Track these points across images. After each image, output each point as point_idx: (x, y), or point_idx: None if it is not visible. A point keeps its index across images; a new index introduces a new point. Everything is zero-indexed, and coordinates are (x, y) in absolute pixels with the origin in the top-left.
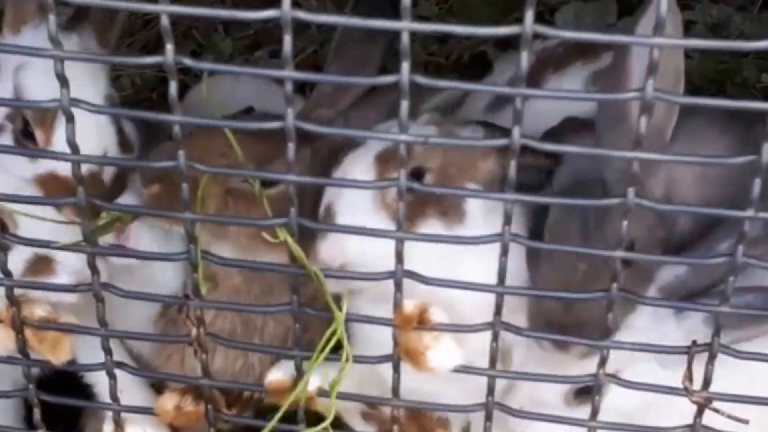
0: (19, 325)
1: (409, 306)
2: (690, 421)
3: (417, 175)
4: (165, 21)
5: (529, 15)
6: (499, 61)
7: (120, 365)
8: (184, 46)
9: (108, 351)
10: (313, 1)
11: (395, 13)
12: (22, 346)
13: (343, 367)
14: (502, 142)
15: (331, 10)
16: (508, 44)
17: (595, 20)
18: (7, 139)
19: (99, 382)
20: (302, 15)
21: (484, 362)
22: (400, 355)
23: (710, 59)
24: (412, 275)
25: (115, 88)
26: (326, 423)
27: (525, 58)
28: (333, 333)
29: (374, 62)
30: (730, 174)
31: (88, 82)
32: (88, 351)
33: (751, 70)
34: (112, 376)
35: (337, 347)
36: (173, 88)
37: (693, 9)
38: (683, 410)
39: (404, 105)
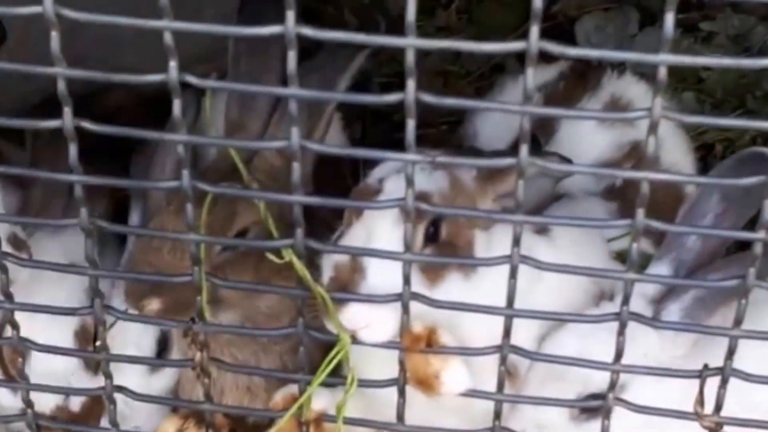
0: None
1: (418, 326)
2: None
3: (436, 225)
4: (168, 38)
5: (534, 31)
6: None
7: (120, 389)
8: None
9: (108, 375)
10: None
11: (280, 16)
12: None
13: (348, 389)
14: (509, 161)
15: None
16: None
17: (616, 31)
18: None
19: None
20: (307, 31)
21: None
22: (409, 381)
23: (731, 72)
24: (418, 297)
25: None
26: None
27: (530, 76)
28: (335, 355)
29: (274, 72)
30: None
31: None
32: None
33: None
34: (111, 401)
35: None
36: (177, 106)
37: (714, 19)
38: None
39: (410, 124)
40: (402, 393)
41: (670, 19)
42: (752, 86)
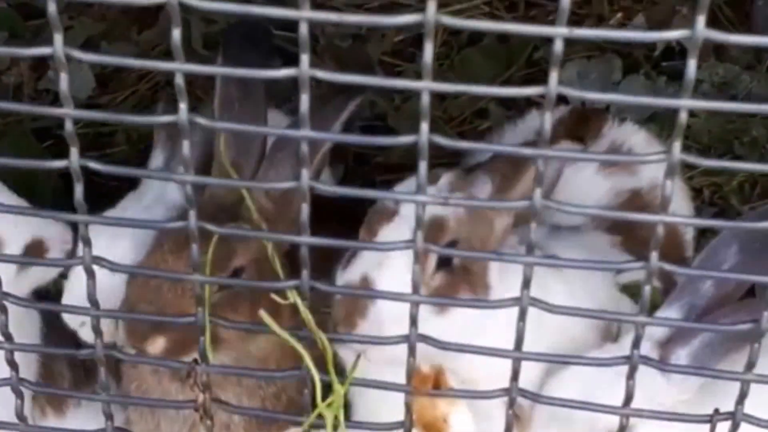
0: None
1: (426, 367)
2: None
3: (452, 247)
4: (179, 79)
5: (554, 76)
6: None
7: (120, 431)
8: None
9: (109, 416)
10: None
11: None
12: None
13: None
14: (522, 204)
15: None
16: (512, 101)
17: (599, 77)
18: None
19: None
20: (320, 74)
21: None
22: (415, 425)
23: (718, 118)
24: (426, 339)
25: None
26: None
27: (548, 120)
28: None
29: (263, 116)
30: None
31: None
32: None
33: (759, 129)
34: None
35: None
36: (186, 147)
37: (699, 67)
38: None
39: (422, 165)
40: None
41: (692, 65)
42: (739, 132)
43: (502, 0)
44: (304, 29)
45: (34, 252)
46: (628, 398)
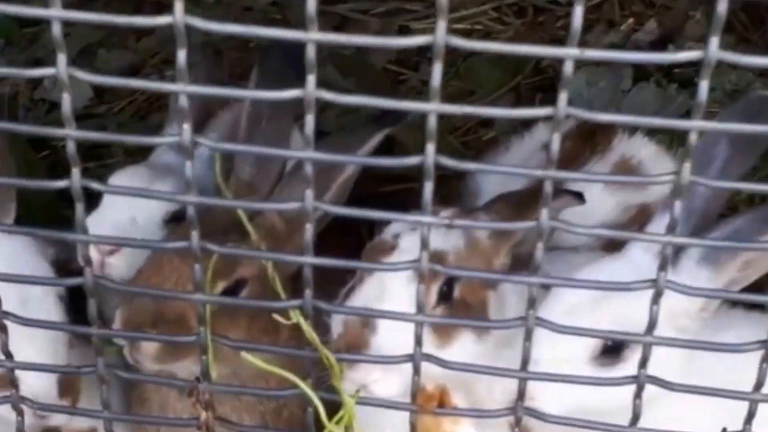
0: None
1: (430, 386)
2: None
3: (449, 284)
4: (184, 101)
5: (563, 98)
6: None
7: None
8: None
9: None
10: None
11: (300, 76)
12: None
13: None
14: (529, 225)
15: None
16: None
17: (608, 85)
18: None
19: None
20: (326, 95)
21: None
22: None
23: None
24: (431, 358)
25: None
26: None
27: (556, 141)
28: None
29: (287, 137)
30: None
31: None
32: None
33: None
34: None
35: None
36: (189, 168)
37: (712, 74)
38: None
39: (428, 187)
40: None
41: (704, 86)
42: None
43: (511, 5)
44: (311, 51)
45: None
46: (635, 417)
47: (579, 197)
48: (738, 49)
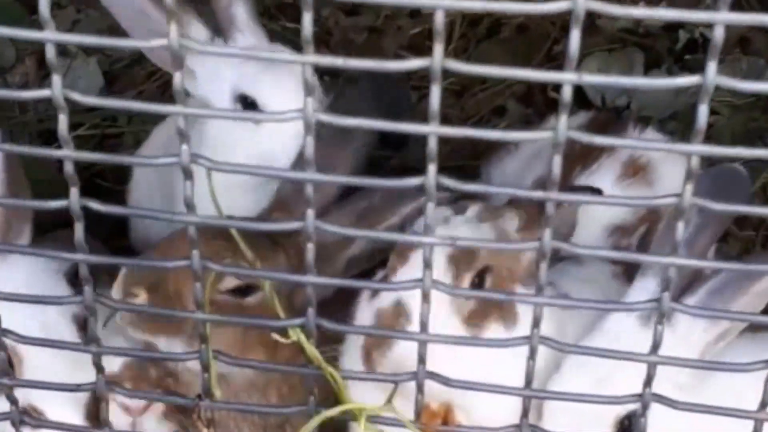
0: None
1: (434, 404)
2: None
3: (481, 276)
4: (181, 123)
5: (563, 120)
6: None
7: None
8: None
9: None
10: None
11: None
12: None
13: None
14: (533, 245)
15: None
16: (531, 98)
17: (621, 72)
18: None
19: None
20: (324, 117)
21: None
22: None
23: (740, 116)
24: (434, 376)
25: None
26: None
27: (557, 163)
28: None
29: (345, 165)
30: None
31: None
32: None
33: None
34: None
35: None
36: (189, 188)
37: (722, 62)
38: None
39: (430, 207)
40: None
41: (703, 110)
42: (763, 131)
43: None
44: (308, 73)
45: None
46: None
47: (597, 192)
48: (750, 33)
